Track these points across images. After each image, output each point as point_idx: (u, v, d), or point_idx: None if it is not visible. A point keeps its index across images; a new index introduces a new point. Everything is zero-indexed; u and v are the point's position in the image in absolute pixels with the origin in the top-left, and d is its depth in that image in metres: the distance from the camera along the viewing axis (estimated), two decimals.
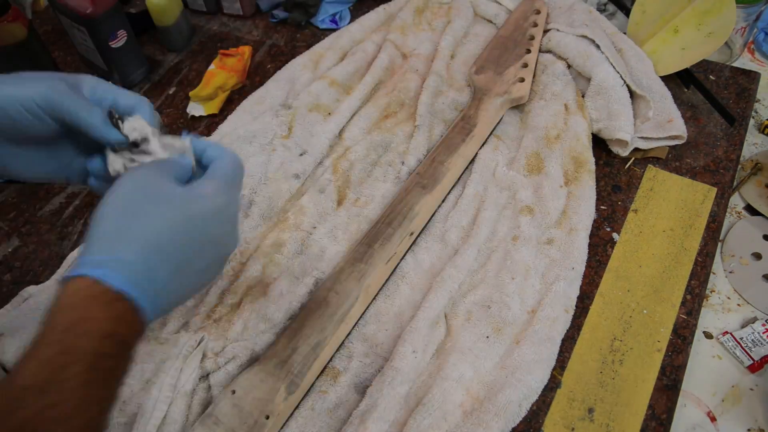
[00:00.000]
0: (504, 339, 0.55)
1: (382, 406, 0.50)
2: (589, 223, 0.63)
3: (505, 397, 0.50)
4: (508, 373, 0.52)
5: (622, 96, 0.69)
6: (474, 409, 0.50)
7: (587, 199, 0.64)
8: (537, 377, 0.52)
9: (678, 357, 0.55)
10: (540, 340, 0.54)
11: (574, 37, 0.75)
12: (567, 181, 0.66)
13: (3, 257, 0.67)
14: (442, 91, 0.76)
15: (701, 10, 0.73)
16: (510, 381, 0.51)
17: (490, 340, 0.54)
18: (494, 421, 0.49)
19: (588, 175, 0.66)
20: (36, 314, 0.58)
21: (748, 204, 0.69)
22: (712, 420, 0.55)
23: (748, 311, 0.61)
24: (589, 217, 0.63)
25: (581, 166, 0.67)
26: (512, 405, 0.50)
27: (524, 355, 0.53)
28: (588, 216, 0.63)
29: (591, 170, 0.67)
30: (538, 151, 0.68)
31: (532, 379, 0.52)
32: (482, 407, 0.50)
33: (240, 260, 0.62)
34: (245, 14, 0.94)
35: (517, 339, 0.55)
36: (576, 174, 0.66)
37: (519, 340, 0.54)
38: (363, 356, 0.55)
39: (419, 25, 0.85)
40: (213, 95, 0.80)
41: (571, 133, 0.69)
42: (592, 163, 0.67)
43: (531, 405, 0.52)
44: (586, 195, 0.65)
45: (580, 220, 0.62)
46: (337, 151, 0.71)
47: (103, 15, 0.77)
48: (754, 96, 0.76)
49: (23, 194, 0.73)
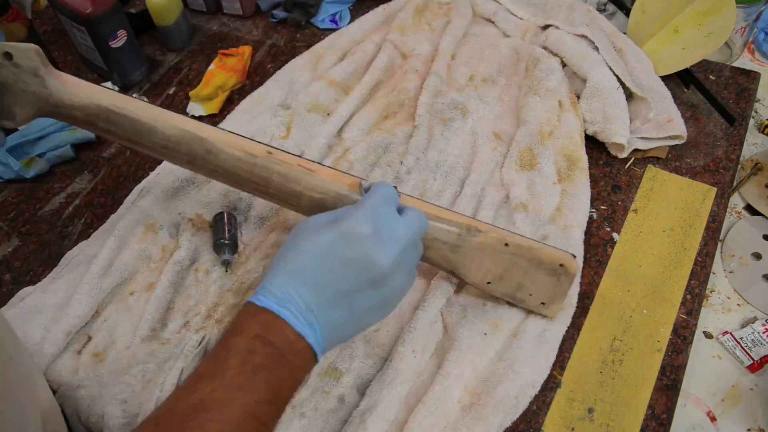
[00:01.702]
0: (502, 334, 0.55)
1: (382, 406, 0.50)
2: (584, 220, 0.63)
3: (503, 391, 0.51)
4: (506, 365, 0.52)
5: (618, 99, 0.69)
6: (473, 404, 0.51)
7: (580, 196, 0.64)
8: (535, 370, 0.52)
9: (678, 357, 0.55)
10: (539, 333, 0.54)
11: (573, 36, 0.75)
12: (560, 179, 0.66)
13: (3, 257, 0.67)
14: (442, 91, 0.76)
15: (701, 10, 0.73)
16: (507, 374, 0.52)
17: (488, 336, 0.55)
18: (493, 416, 0.49)
19: (581, 173, 0.66)
20: (33, 314, 0.58)
21: (748, 204, 0.69)
22: (712, 420, 0.55)
23: (748, 311, 0.61)
24: (583, 214, 0.63)
25: (574, 164, 0.67)
26: (509, 398, 0.50)
27: (523, 347, 0.53)
28: (582, 213, 0.63)
29: (583, 168, 0.67)
30: (530, 147, 0.68)
31: (529, 371, 0.52)
32: (480, 401, 0.50)
33: (240, 260, 0.62)
34: (245, 14, 0.94)
35: (515, 332, 0.55)
36: (569, 172, 0.66)
37: (516, 334, 0.55)
38: (365, 357, 0.55)
39: (419, 26, 0.85)
40: (213, 95, 0.80)
41: (564, 131, 0.69)
42: (585, 161, 0.67)
43: (530, 399, 0.52)
44: (580, 193, 0.65)
45: (574, 217, 0.63)
46: (336, 151, 0.71)
47: (103, 15, 0.77)
48: (754, 96, 0.76)
49: (23, 194, 0.73)
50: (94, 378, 0.53)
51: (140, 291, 0.60)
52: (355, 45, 0.84)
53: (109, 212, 0.68)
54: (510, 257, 0.53)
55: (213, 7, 0.95)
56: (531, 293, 0.54)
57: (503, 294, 0.55)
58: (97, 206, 0.71)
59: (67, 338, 0.56)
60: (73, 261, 0.63)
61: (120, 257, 0.61)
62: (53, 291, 0.59)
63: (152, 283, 0.60)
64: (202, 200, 0.66)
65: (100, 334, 0.57)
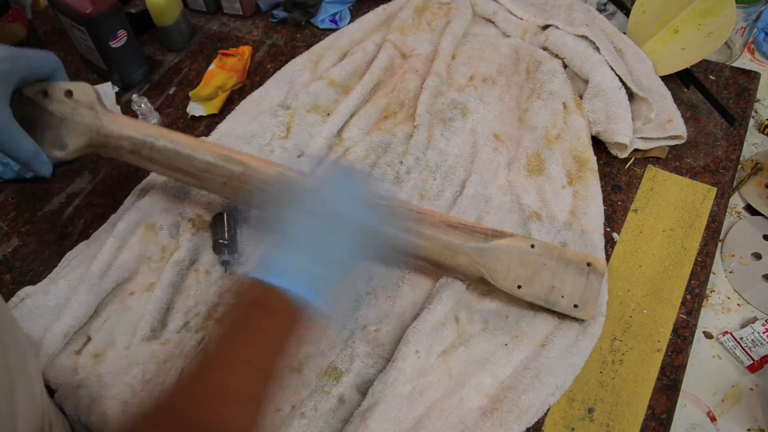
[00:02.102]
0: (525, 345, 0.54)
1: (384, 405, 0.50)
2: (600, 223, 0.62)
3: (528, 400, 0.50)
4: (532, 375, 0.52)
5: (621, 99, 0.69)
6: (494, 409, 0.50)
7: (594, 198, 0.64)
8: (560, 380, 0.52)
9: (678, 357, 0.55)
10: (571, 343, 0.54)
11: (573, 36, 0.75)
12: (570, 181, 0.66)
13: (3, 257, 0.67)
14: (442, 91, 0.76)
15: (701, 10, 0.73)
16: (533, 383, 0.51)
17: (509, 347, 0.54)
18: (515, 423, 0.50)
19: (591, 174, 0.66)
20: (33, 314, 0.58)
21: (748, 204, 0.69)
22: (712, 420, 0.55)
23: (748, 311, 0.61)
24: (598, 217, 0.63)
25: (584, 165, 0.66)
26: (533, 407, 0.50)
27: (551, 357, 0.53)
28: (597, 216, 0.63)
29: (593, 169, 0.66)
30: (538, 152, 0.68)
31: (554, 381, 0.51)
32: (503, 407, 0.50)
33: (240, 260, 0.62)
34: (245, 14, 0.94)
35: (543, 343, 0.54)
36: (579, 174, 0.66)
37: (545, 344, 0.54)
38: (365, 357, 0.55)
39: (419, 26, 0.85)
40: (213, 95, 0.80)
41: (571, 132, 0.68)
42: (594, 161, 0.67)
43: (548, 407, 0.52)
44: (592, 194, 0.64)
45: (590, 221, 0.62)
46: (336, 151, 0.71)
47: (103, 15, 0.77)
48: (754, 96, 0.76)
49: (23, 194, 0.73)
50: (94, 378, 0.53)
51: (140, 291, 0.60)
52: (355, 45, 0.84)
53: (109, 212, 0.68)
54: (537, 258, 0.54)
55: (213, 7, 0.95)
56: (563, 295, 0.54)
57: (536, 298, 0.54)
58: (97, 206, 0.71)
59: (66, 338, 0.56)
60: (73, 261, 0.63)
61: (120, 257, 0.61)
62: (53, 291, 0.60)
63: (152, 283, 0.60)
64: (202, 200, 0.66)
65: (100, 335, 0.57)
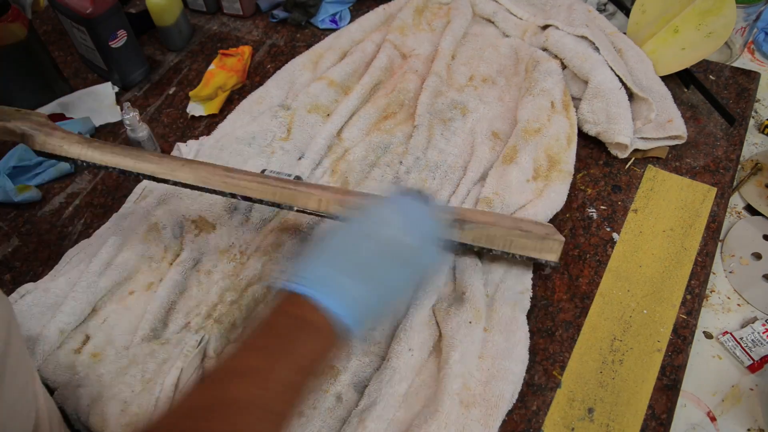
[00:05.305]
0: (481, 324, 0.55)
1: (381, 405, 0.50)
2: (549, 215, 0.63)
3: (498, 389, 0.51)
4: (489, 363, 0.53)
5: (621, 99, 0.69)
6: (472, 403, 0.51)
7: (553, 199, 0.64)
8: (516, 360, 0.53)
9: (678, 357, 0.55)
10: (505, 323, 0.55)
11: (573, 37, 0.75)
12: (536, 176, 0.66)
13: (3, 257, 0.67)
14: (442, 91, 0.76)
15: (701, 10, 0.73)
16: (492, 372, 0.52)
17: (473, 324, 0.55)
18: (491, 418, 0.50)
19: (558, 175, 0.65)
20: (33, 311, 0.58)
21: (748, 204, 0.69)
22: (712, 420, 0.55)
23: (748, 311, 0.61)
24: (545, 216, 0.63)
25: (554, 165, 0.66)
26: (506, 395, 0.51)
27: (497, 342, 0.54)
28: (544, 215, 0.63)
29: (563, 171, 0.66)
30: (515, 144, 0.68)
31: (512, 364, 0.52)
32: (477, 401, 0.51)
33: (240, 260, 0.62)
34: (245, 14, 0.94)
35: (486, 327, 0.55)
36: (547, 172, 0.66)
37: (487, 328, 0.55)
38: (362, 355, 0.55)
39: (419, 26, 0.85)
40: (213, 95, 0.80)
41: (552, 131, 0.68)
42: (568, 164, 0.67)
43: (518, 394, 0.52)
44: (552, 193, 0.64)
45: (536, 214, 0.62)
46: (336, 152, 0.71)
47: (103, 15, 0.77)
48: (754, 96, 0.76)
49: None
50: (94, 378, 0.53)
51: (140, 290, 0.60)
52: (355, 45, 0.84)
53: (109, 212, 0.68)
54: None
55: (213, 7, 0.95)
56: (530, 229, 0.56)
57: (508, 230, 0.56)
58: (97, 206, 0.71)
59: (62, 336, 0.56)
60: (73, 259, 0.63)
61: (120, 256, 0.61)
62: (52, 289, 0.59)
63: (152, 283, 0.60)
64: (203, 201, 0.66)
65: (99, 334, 0.57)
